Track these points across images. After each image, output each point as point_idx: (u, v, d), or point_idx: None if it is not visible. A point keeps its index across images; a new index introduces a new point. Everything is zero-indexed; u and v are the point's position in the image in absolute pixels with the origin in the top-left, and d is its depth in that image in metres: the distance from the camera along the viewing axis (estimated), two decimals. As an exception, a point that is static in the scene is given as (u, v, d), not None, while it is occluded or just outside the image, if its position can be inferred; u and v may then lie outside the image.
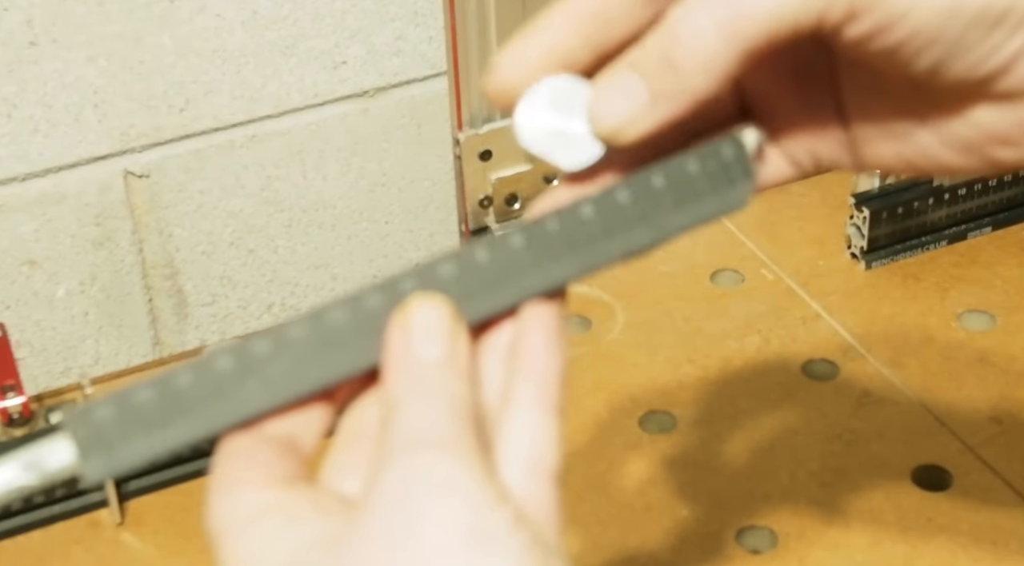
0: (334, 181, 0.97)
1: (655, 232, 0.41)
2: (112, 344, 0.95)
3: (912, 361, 0.83)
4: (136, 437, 0.37)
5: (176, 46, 0.88)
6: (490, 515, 0.35)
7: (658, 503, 0.75)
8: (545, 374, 0.39)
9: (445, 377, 0.37)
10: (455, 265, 0.39)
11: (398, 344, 0.38)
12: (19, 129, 0.86)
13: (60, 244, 0.90)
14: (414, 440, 0.36)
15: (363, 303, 0.39)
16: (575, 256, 0.40)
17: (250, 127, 0.93)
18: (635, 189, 0.40)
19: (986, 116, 0.41)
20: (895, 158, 0.43)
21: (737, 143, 0.42)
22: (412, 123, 0.98)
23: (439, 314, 0.38)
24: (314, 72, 0.93)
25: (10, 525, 0.76)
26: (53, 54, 0.85)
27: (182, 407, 0.37)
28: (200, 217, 0.94)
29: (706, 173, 0.41)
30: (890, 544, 0.72)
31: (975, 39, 0.38)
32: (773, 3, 0.37)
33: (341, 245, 1.00)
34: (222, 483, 0.38)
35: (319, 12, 0.91)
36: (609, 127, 0.39)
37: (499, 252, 0.39)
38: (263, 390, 0.38)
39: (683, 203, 0.41)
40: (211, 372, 0.38)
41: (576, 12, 0.40)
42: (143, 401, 0.37)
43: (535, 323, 0.40)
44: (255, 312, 0.99)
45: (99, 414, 0.37)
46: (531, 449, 0.38)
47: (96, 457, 0.37)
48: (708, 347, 0.85)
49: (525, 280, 0.39)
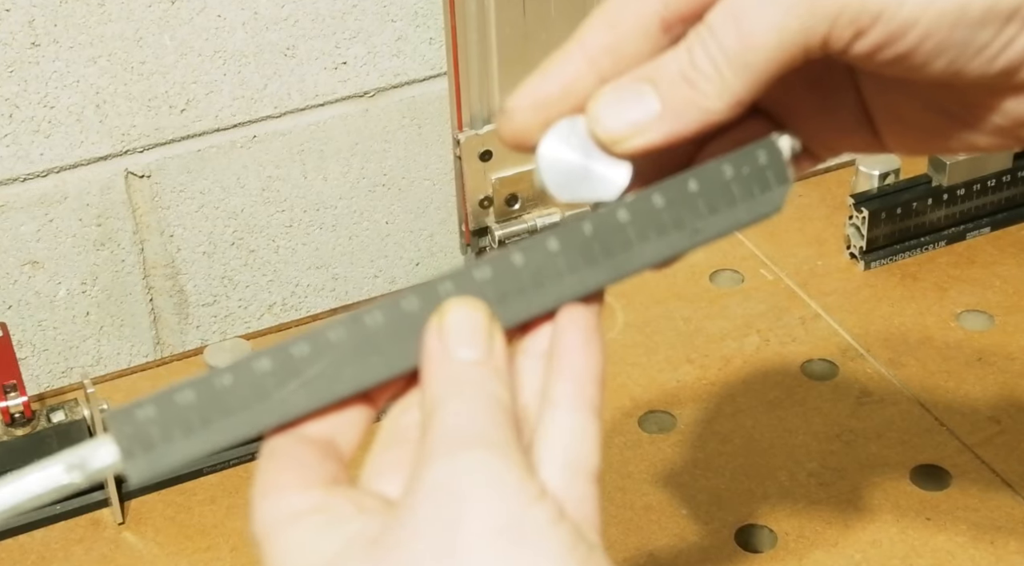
0: (334, 181, 0.97)
1: (690, 237, 0.40)
2: (113, 344, 0.96)
3: (911, 361, 0.84)
4: (178, 437, 0.38)
5: (177, 47, 0.88)
6: (530, 511, 0.35)
7: (658, 503, 0.75)
8: (583, 374, 0.39)
9: (483, 377, 0.38)
10: (491, 268, 0.39)
11: (435, 346, 0.38)
12: (20, 129, 0.86)
13: (61, 244, 0.91)
14: (454, 439, 0.36)
15: (400, 306, 0.39)
16: (610, 260, 0.40)
17: (251, 127, 0.93)
18: (670, 193, 0.40)
19: (1013, 105, 0.40)
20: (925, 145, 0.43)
21: (773, 148, 0.41)
22: (412, 123, 0.98)
23: (475, 316, 0.39)
24: (315, 73, 0.93)
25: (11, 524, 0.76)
26: (54, 55, 0.85)
27: (223, 408, 0.38)
28: (201, 217, 0.94)
29: (741, 178, 0.41)
30: (889, 544, 0.72)
31: (986, 37, 0.38)
32: (777, 32, 0.37)
33: (341, 245, 1.00)
34: (264, 485, 0.38)
35: (320, 13, 0.91)
36: (616, 132, 0.39)
37: (534, 255, 0.39)
38: (303, 392, 0.38)
39: (718, 208, 0.41)
40: (251, 373, 0.38)
41: (590, 49, 0.40)
42: (184, 401, 0.38)
43: (572, 324, 0.40)
44: (256, 312, 1.00)
45: (141, 414, 0.37)
46: (570, 449, 0.38)
47: (139, 457, 0.38)
48: (708, 347, 0.86)
49: (560, 284, 0.40)
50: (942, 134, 0.43)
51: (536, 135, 0.40)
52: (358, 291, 1.02)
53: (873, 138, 0.44)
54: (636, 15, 0.40)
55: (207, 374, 0.38)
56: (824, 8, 0.37)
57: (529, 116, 0.40)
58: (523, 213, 0.99)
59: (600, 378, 0.40)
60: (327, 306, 1.01)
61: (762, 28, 0.37)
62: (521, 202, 0.99)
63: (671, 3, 0.39)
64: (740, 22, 0.38)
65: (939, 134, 0.43)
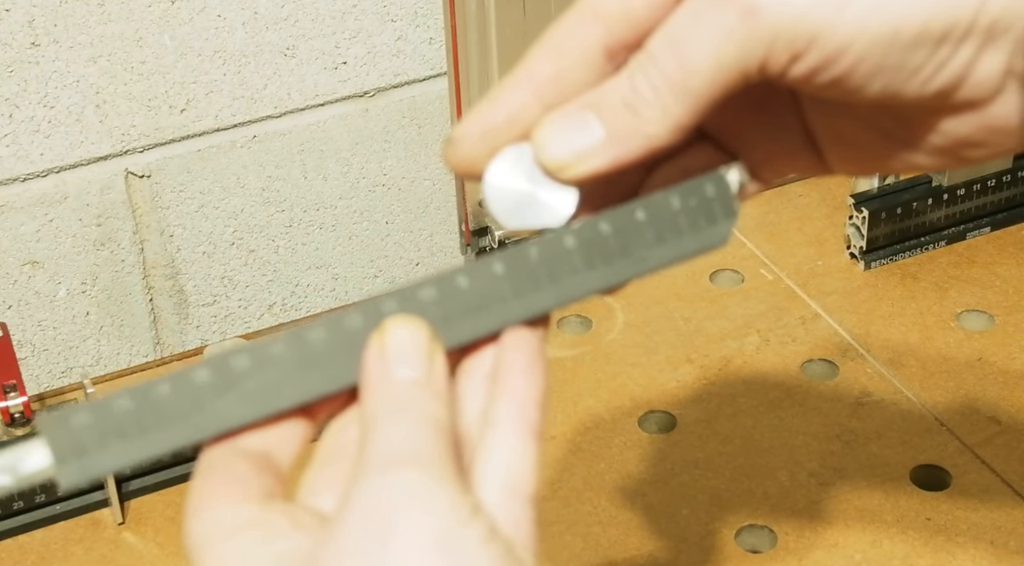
0: (334, 181, 0.97)
1: (636, 265, 0.41)
2: (113, 344, 0.96)
3: (911, 361, 0.84)
4: (112, 445, 0.38)
5: (177, 47, 0.88)
6: (462, 529, 0.36)
7: (658, 503, 0.75)
8: (525, 397, 0.39)
9: (421, 397, 0.38)
10: (435, 289, 0.39)
11: (375, 365, 0.39)
12: (20, 129, 0.86)
13: (61, 244, 0.91)
14: (389, 457, 0.37)
15: (343, 323, 0.39)
16: (555, 286, 0.40)
17: (251, 127, 0.93)
18: (617, 222, 0.41)
19: (951, 125, 0.41)
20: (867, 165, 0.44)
21: (721, 182, 0.42)
22: (412, 123, 0.98)
23: (416, 336, 0.39)
24: (315, 73, 0.93)
25: (12, 524, 0.76)
26: (54, 55, 0.85)
27: (159, 417, 0.38)
28: (201, 217, 0.94)
29: (688, 210, 0.41)
30: (889, 544, 0.72)
31: (920, 60, 0.38)
32: (715, 57, 0.38)
33: (341, 245, 1.00)
34: (199, 499, 0.38)
35: (319, 13, 0.91)
36: (559, 158, 0.40)
37: (479, 279, 0.40)
38: (241, 404, 0.38)
39: (664, 238, 0.41)
40: (189, 384, 0.38)
41: (534, 77, 0.40)
42: (121, 410, 0.38)
43: (516, 347, 0.40)
44: (256, 312, 1.00)
45: (76, 421, 0.38)
46: (509, 471, 0.38)
47: (71, 463, 0.38)
48: (708, 347, 0.86)
49: (505, 307, 0.40)
50: (884, 155, 0.43)
51: (483, 163, 0.41)
52: (358, 291, 1.02)
53: (817, 160, 0.44)
54: (579, 44, 0.40)
55: (145, 383, 0.38)
56: (760, 33, 0.37)
57: (476, 144, 0.41)
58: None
59: (542, 402, 0.40)
60: (327, 306, 1.01)
61: (700, 54, 0.38)
62: (521, 202, 0.99)
63: (614, 31, 0.40)
64: (678, 48, 0.38)
65: (881, 155, 0.43)
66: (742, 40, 0.38)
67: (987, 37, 0.38)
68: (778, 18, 0.37)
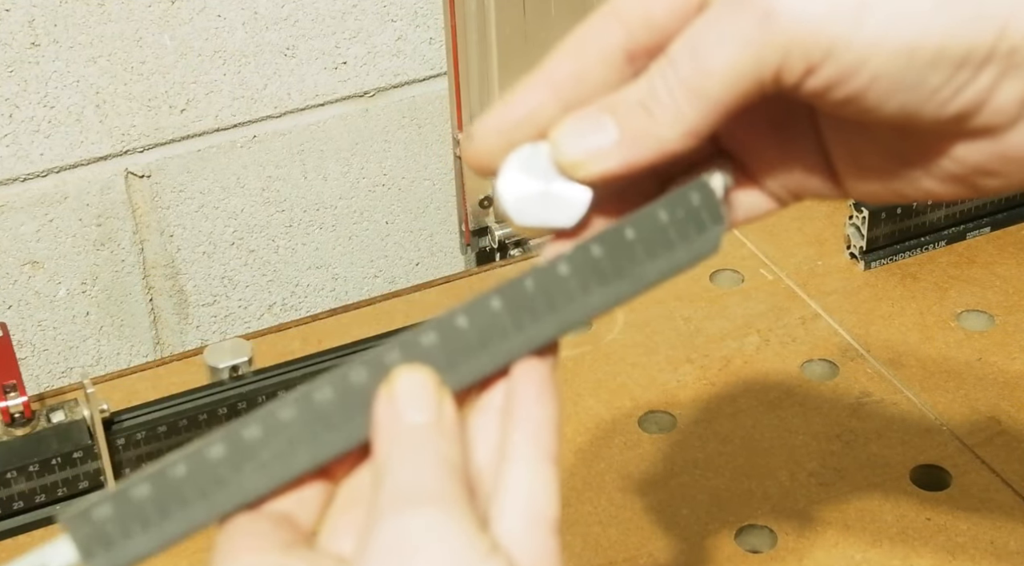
0: (334, 181, 0.97)
1: (631, 284, 0.41)
2: (113, 344, 0.96)
3: (911, 361, 0.83)
4: (136, 532, 0.38)
5: (177, 47, 0.88)
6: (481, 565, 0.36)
7: (658, 503, 0.75)
8: (539, 424, 0.40)
9: (433, 438, 0.38)
10: (436, 333, 0.40)
11: (385, 412, 0.39)
12: (20, 129, 0.86)
13: (61, 244, 0.91)
14: (403, 497, 0.37)
15: (348, 379, 0.39)
16: (554, 314, 0.40)
17: (251, 127, 0.93)
18: (607, 243, 0.41)
19: (966, 151, 0.41)
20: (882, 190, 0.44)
21: (705, 188, 0.42)
22: (412, 123, 0.98)
23: (423, 381, 0.39)
24: (315, 73, 0.93)
25: (12, 524, 0.76)
26: (54, 55, 0.85)
27: (179, 499, 0.38)
28: (201, 217, 0.94)
29: (676, 221, 0.41)
30: (889, 544, 0.72)
31: (938, 81, 0.38)
32: (732, 63, 0.38)
33: (341, 245, 1.00)
34: (223, 557, 0.38)
35: (319, 13, 0.91)
36: (574, 157, 0.40)
37: (478, 317, 0.40)
38: (258, 475, 0.39)
39: (656, 253, 0.41)
40: (204, 462, 0.38)
41: (554, 76, 0.41)
42: (140, 496, 0.38)
43: (525, 377, 0.40)
44: (256, 312, 1.00)
45: (98, 514, 0.38)
46: (529, 500, 0.39)
47: (100, 556, 0.38)
48: (708, 347, 0.86)
49: (507, 342, 0.40)
50: (899, 179, 0.43)
51: (498, 159, 0.41)
52: (358, 291, 1.02)
53: (834, 183, 0.44)
54: (600, 46, 0.40)
55: (161, 465, 0.38)
56: (776, 40, 0.37)
57: (492, 140, 0.41)
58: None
59: (555, 428, 0.40)
60: (327, 306, 1.01)
61: (717, 59, 0.38)
62: (521, 202, 0.99)
63: (635, 35, 0.40)
64: (696, 52, 0.38)
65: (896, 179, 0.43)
66: (758, 47, 0.38)
67: (1008, 64, 0.38)
68: (795, 27, 0.37)
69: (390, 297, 0.91)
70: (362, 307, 0.90)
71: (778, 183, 0.44)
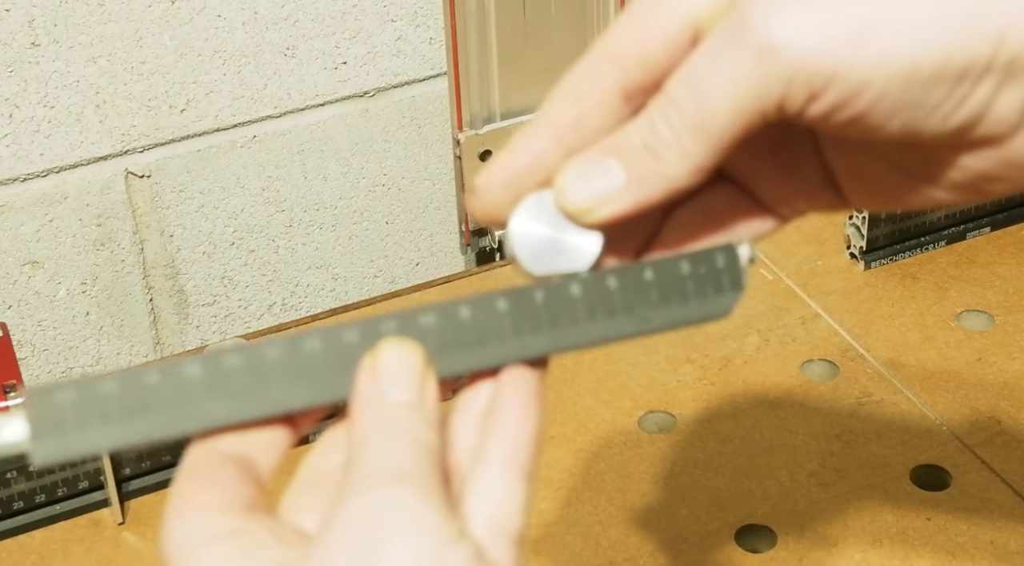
0: (334, 181, 0.97)
1: (637, 323, 0.41)
2: (113, 344, 0.96)
3: (911, 361, 0.83)
4: (92, 426, 0.37)
5: (177, 47, 0.88)
6: (451, 549, 0.36)
7: (658, 503, 0.75)
8: (519, 436, 0.39)
9: (412, 419, 0.38)
10: (437, 316, 0.40)
11: (367, 384, 0.39)
12: (20, 129, 0.86)
13: (61, 244, 0.91)
14: (377, 475, 0.37)
15: (340, 337, 0.39)
16: (555, 331, 0.40)
17: (251, 127, 0.93)
18: (625, 279, 0.41)
19: (970, 161, 0.41)
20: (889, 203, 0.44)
21: (732, 254, 0.42)
22: (412, 123, 0.98)
23: (410, 358, 0.39)
24: (314, 72, 0.93)
25: (12, 524, 0.76)
26: (54, 55, 0.85)
27: (143, 405, 0.38)
28: (201, 217, 0.94)
29: (696, 276, 0.42)
30: (889, 544, 0.72)
31: (939, 97, 0.38)
32: (734, 97, 0.38)
33: (341, 245, 1.00)
34: (179, 504, 0.38)
35: (319, 13, 0.91)
36: (581, 203, 0.40)
37: (482, 313, 0.40)
38: (228, 403, 0.38)
39: (669, 300, 0.41)
40: (178, 376, 0.38)
41: (554, 122, 0.41)
42: (106, 392, 0.37)
43: (514, 385, 0.40)
44: (256, 312, 1.00)
45: (60, 396, 0.37)
46: (497, 509, 0.38)
47: (48, 439, 0.37)
48: (708, 347, 0.86)
49: (502, 345, 0.40)
50: (903, 191, 0.43)
51: (506, 210, 0.41)
52: (358, 291, 1.02)
53: (838, 198, 0.45)
54: (597, 88, 0.40)
55: (136, 369, 0.38)
56: (778, 73, 0.37)
57: (499, 193, 0.41)
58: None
59: (535, 442, 0.40)
60: (327, 306, 1.01)
61: (718, 94, 0.38)
62: (521, 202, 0.99)
63: (631, 74, 0.40)
64: (697, 89, 0.38)
65: (900, 191, 0.43)
66: (760, 81, 0.38)
67: (1006, 74, 0.38)
68: (795, 58, 0.37)
69: (390, 297, 0.91)
70: (362, 307, 0.90)
71: (782, 203, 0.45)
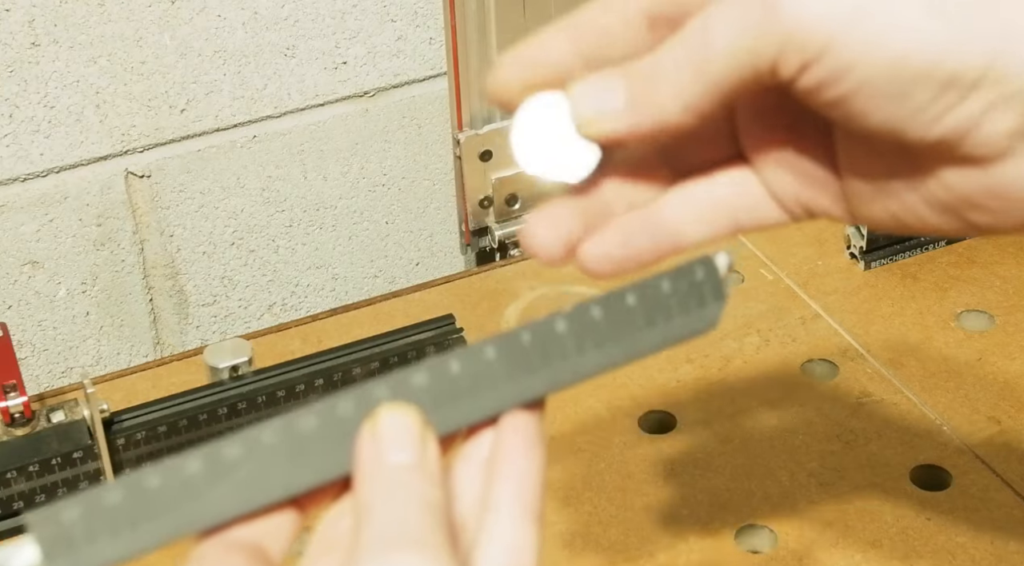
0: (334, 181, 0.97)
1: (627, 350, 0.41)
2: (113, 344, 0.96)
3: (911, 361, 0.83)
4: (102, 539, 0.37)
5: (177, 47, 0.88)
6: None
7: (658, 503, 0.75)
8: (523, 478, 0.39)
9: (415, 480, 0.38)
10: (427, 375, 0.40)
11: (368, 450, 0.39)
12: (20, 130, 0.86)
13: (61, 244, 0.91)
14: (385, 540, 0.36)
15: (334, 411, 0.39)
16: (548, 369, 0.40)
17: (251, 127, 0.93)
18: (608, 306, 0.41)
19: (954, 178, 0.41)
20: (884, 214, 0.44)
21: (710, 265, 0.43)
22: (412, 123, 0.98)
23: (408, 420, 0.39)
24: (314, 73, 0.93)
25: (12, 524, 0.76)
26: (54, 55, 0.85)
27: (149, 510, 0.38)
28: (201, 217, 0.94)
29: (678, 293, 0.42)
30: (889, 544, 0.72)
31: (922, 99, 0.39)
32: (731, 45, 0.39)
33: (341, 245, 1.00)
34: None
35: (319, 13, 0.91)
36: (583, 114, 0.41)
37: (471, 364, 0.40)
38: (232, 495, 0.38)
39: (654, 322, 0.42)
40: (180, 475, 0.38)
41: (579, 25, 0.42)
42: (111, 503, 0.37)
43: (514, 430, 0.40)
44: (256, 312, 1.00)
45: (66, 515, 0.37)
46: (509, 555, 0.38)
47: (61, 558, 0.37)
48: (708, 347, 0.86)
49: (497, 392, 0.40)
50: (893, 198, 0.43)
51: (516, 95, 0.42)
52: (358, 291, 1.02)
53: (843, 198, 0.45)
54: (625, 6, 0.42)
55: (136, 473, 0.38)
56: (776, 31, 0.39)
57: (514, 73, 0.42)
58: (523, 213, 0.99)
59: (541, 485, 0.40)
60: (327, 306, 1.01)
61: (721, 40, 0.39)
62: (521, 202, 0.99)
63: (659, 2, 0.42)
64: (705, 33, 0.40)
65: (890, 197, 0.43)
66: (758, 35, 0.39)
67: (997, 95, 0.38)
68: (794, 22, 0.38)
69: (390, 297, 0.91)
70: (362, 307, 0.90)
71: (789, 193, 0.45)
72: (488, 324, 0.88)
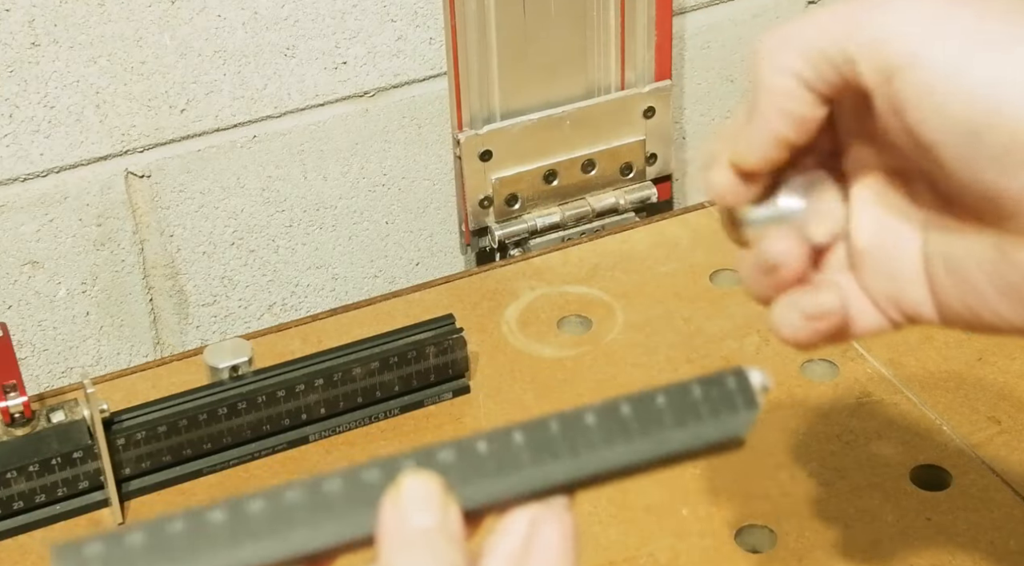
0: (334, 181, 0.97)
1: (655, 447, 0.42)
2: (113, 344, 0.96)
3: (911, 361, 0.84)
4: None
5: (177, 47, 0.88)
6: None
7: (658, 503, 0.75)
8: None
9: (437, 541, 0.39)
10: (454, 452, 0.40)
11: (391, 513, 0.39)
12: (20, 130, 0.86)
13: (61, 244, 0.91)
14: None
15: (360, 475, 0.40)
16: (575, 459, 0.41)
17: (251, 127, 0.93)
18: (637, 406, 0.42)
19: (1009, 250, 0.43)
20: (963, 309, 0.46)
21: (742, 377, 0.44)
22: (412, 123, 0.98)
23: (430, 486, 0.40)
24: (314, 73, 0.93)
25: (12, 524, 0.76)
26: (54, 55, 0.85)
27: (170, 554, 0.38)
28: (201, 217, 0.94)
29: (709, 399, 0.43)
30: (889, 544, 0.72)
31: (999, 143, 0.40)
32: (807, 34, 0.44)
33: (341, 245, 1.00)
34: None
35: (319, 13, 0.91)
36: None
37: (498, 446, 0.41)
38: (253, 548, 0.39)
39: (684, 423, 0.42)
40: (203, 523, 0.39)
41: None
42: (133, 544, 0.38)
43: (548, 520, 0.41)
44: (256, 312, 1.00)
45: (88, 551, 0.38)
46: None
47: None
48: (708, 347, 0.86)
49: (522, 477, 0.41)
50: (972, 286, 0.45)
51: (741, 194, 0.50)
52: (358, 291, 1.02)
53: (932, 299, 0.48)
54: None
55: (160, 518, 0.39)
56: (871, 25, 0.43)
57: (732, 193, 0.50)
58: (523, 213, 0.99)
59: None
60: (327, 306, 1.01)
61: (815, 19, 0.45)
62: (521, 202, 0.99)
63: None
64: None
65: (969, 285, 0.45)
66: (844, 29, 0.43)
67: None
68: (886, 28, 0.43)
69: (390, 297, 0.91)
70: (362, 307, 0.90)
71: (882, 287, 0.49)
72: (488, 324, 0.88)
